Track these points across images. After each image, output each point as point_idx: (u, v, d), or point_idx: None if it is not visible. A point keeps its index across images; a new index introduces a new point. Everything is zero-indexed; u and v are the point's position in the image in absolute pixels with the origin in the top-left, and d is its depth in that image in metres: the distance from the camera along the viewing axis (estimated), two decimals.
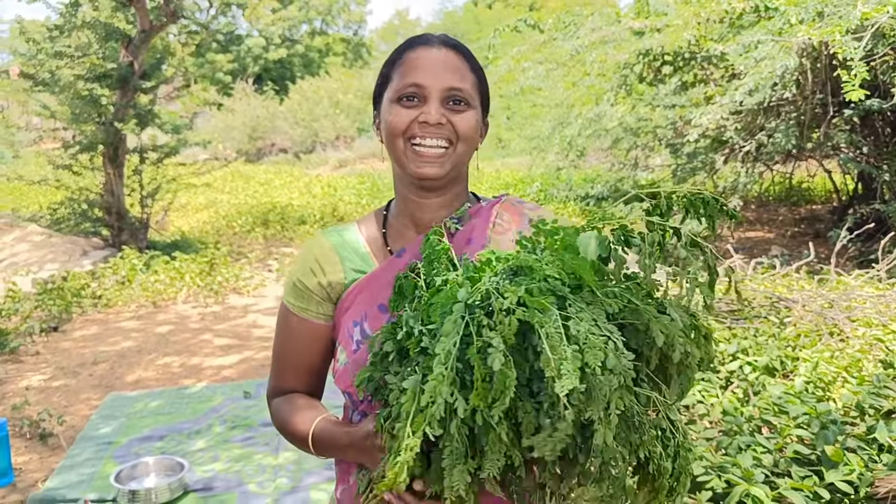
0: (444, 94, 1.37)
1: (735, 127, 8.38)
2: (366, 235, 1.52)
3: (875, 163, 8.41)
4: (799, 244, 9.38)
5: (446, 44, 1.42)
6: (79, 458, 4.26)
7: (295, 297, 1.51)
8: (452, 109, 1.37)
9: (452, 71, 1.38)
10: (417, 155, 1.37)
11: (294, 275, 1.51)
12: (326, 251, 1.49)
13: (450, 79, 1.37)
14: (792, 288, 6.14)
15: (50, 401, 5.25)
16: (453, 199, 1.48)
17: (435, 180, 1.39)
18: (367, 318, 1.41)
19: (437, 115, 1.35)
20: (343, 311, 1.47)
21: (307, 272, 1.49)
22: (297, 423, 1.47)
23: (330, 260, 1.48)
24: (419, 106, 1.37)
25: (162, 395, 5.33)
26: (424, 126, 1.36)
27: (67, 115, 9.66)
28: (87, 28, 9.55)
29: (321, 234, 1.53)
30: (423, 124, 1.36)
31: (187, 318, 7.50)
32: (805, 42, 6.61)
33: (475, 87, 1.42)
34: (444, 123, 1.36)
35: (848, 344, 4.65)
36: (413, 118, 1.36)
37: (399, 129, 1.38)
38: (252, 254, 10.41)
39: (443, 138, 1.37)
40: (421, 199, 1.46)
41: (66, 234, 10.21)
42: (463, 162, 1.43)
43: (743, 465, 2.92)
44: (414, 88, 1.37)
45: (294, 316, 1.51)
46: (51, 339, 6.75)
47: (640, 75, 9.59)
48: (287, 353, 1.54)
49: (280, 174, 21.69)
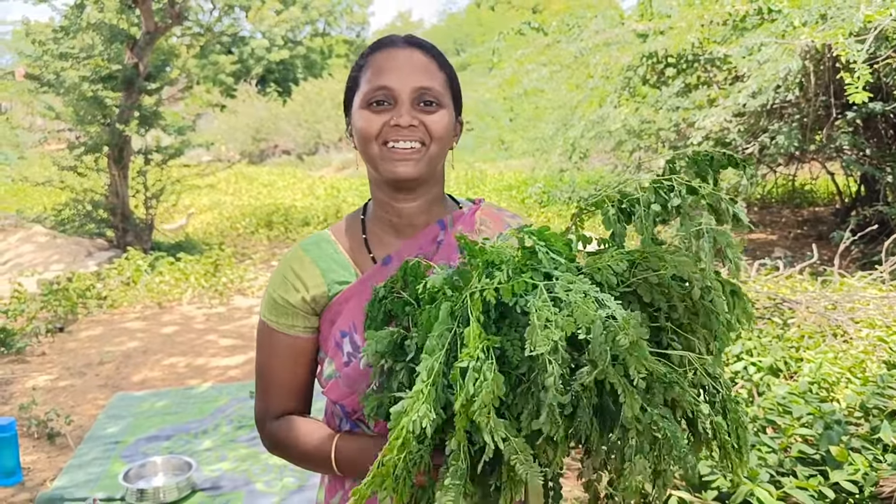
0: (414, 95, 1.34)
1: (738, 129, 8.40)
2: (343, 244, 1.48)
3: (878, 165, 8.43)
4: (802, 246, 9.39)
5: (411, 43, 1.39)
6: (86, 457, 4.29)
7: (277, 314, 1.45)
8: (424, 110, 1.35)
9: (421, 70, 1.36)
10: (391, 155, 1.35)
11: (275, 291, 1.45)
12: (306, 265, 1.44)
13: (418, 78, 1.34)
14: (795, 289, 6.15)
15: (57, 401, 5.28)
16: (431, 201, 1.45)
17: (410, 180, 1.37)
18: (356, 328, 1.38)
19: (409, 118, 1.33)
20: (329, 321, 1.43)
21: (289, 288, 1.44)
22: (308, 444, 1.42)
23: (311, 273, 1.43)
24: (390, 109, 1.34)
25: (168, 395, 5.36)
26: (397, 129, 1.33)
27: (72, 116, 9.70)
28: (92, 30, 9.59)
29: (298, 248, 1.48)
30: (396, 128, 1.33)
31: (192, 318, 7.53)
32: (808, 44, 6.62)
33: (445, 85, 1.39)
34: (416, 125, 1.33)
35: (851, 345, 4.67)
36: (385, 122, 1.34)
37: (372, 134, 1.35)
38: (256, 255, 10.45)
39: (416, 140, 1.34)
40: (398, 202, 1.43)
41: (70, 236, 10.25)
42: (437, 162, 1.40)
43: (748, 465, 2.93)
44: (383, 92, 1.34)
45: (279, 334, 1.45)
46: (57, 340, 6.78)
47: (643, 77, 9.60)
48: (275, 373, 1.48)
49: (283, 175, 21.72)
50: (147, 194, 10.47)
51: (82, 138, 9.92)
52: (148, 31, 9.75)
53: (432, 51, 1.40)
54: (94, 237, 10.40)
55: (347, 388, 1.34)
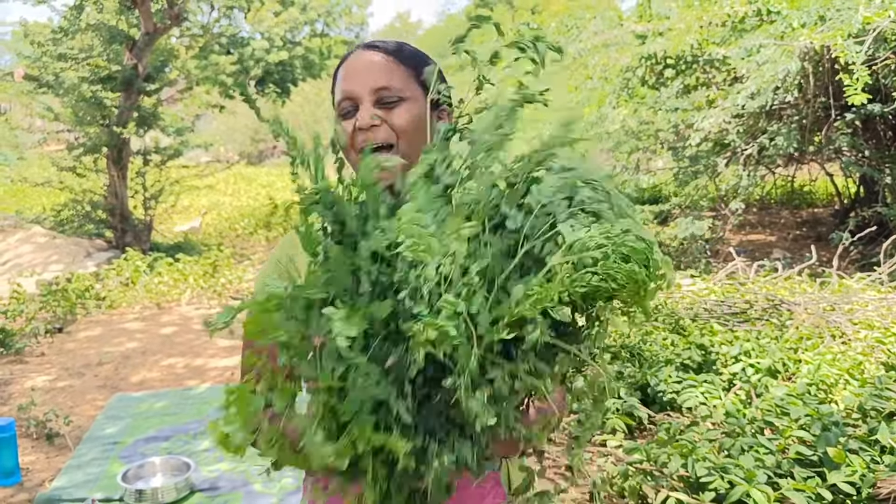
0: (374, 96, 1.32)
1: (737, 130, 8.41)
2: None
3: (877, 166, 8.43)
4: (801, 247, 9.40)
5: (370, 46, 1.38)
6: (85, 457, 4.29)
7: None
8: (385, 107, 1.32)
9: (378, 70, 1.34)
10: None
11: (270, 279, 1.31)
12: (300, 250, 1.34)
13: (375, 79, 1.33)
14: (794, 291, 6.17)
15: (56, 401, 5.27)
16: None
17: (385, 179, 1.25)
18: None
19: (368, 118, 1.31)
20: None
21: (282, 273, 1.37)
22: None
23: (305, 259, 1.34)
24: (355, 114, 1.33)
25: (167, 395, 5.36)
26: (360, 132, 1.31)
27: (71, 117, 9.70)
28: (91, 31, 9.59)
29: (293, 232, 1.34)
30: (359, 131, 1.31)
31: (191, 319, 7.53)
32: (807, 46, 6.63)
33: (408, 79, 1.35)
34: (378, 124, 1.31)
35: (850, 346, 4.68)
36: (354, 128, 1.32)
37: (346, 144, 1.33)
38: (255, 256, 10.45)
39: (380, 140, 1.31)
40: None
41: (69, 236, 10.25)
42: (413, 158, 1.28)
43: (745, 466, 2.94)
44: (347, 101, 1.34)
45: None
46: (56, 340, 6.78)
47: (642, 79, 9.61)
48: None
49: (282, 176, 21.73)
50: (146, 195, 10.47)
51: (81, 139, 9.92)
52: (147, 31, 9.75)
53: (393, 51, 1.37)
54: (93, 238, 10.41)
55: None
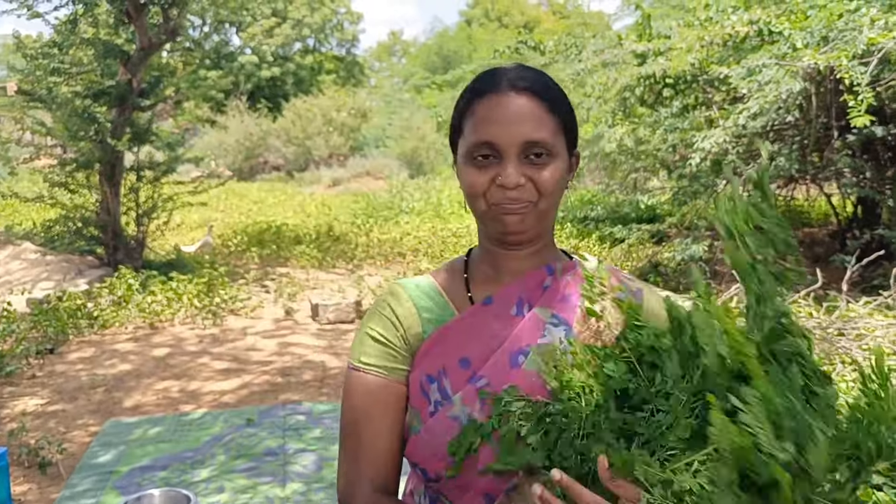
0: (521, 150, 1.22)
1: (737, 151, 8.35)
2: (442, 283, 1.38)
3: (878, 188, 8.40)
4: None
5: (516, 87, 1.24)
6: (79, 487, 4.15)
7: (376, 356, 1.31)
8: (533, 164, 1.22)
9: (528, 120, 1.22)
10: (499, 211, 1.24)
11: (373, 329, 1.33)
12: (403, 301, 1.34)
13: (526, 131, 1.21)
14: (799, 315, 6.08)
15: (47, 426, 5.13)
16: (541, 248, 1.34)
17: (519, 234, 1.26)
18: (446, 373, 1.25)
19: (516, 177, 1.21)
20: (415, 365, 1.30)
21: (388, 325, 1.32)
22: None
23: (407, 311, 1.33)
24: (496, 164, 1.23)
25: (162, 421, 5.21)
26: (503, 189, 1.22)
27: (63, 132, 9.55)
28: (85, 45, 9.47)
29: (395, 284, 1.38)
30: (502, 188, 1.22)
31: (185, 340, 7.38)
32: (810, 66, 6.58)
33: (557, 132, 1.25)
34: (523, 184, 1.22)
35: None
36: (491, 178, 1.23)
37: (478, 192, 1.24)
38: (249, 274, 10.30)
39: (524, 201, 1.23)
40: (506, 252, 1.33)
41: (60, 253, 10.07)
42: (547, 216, 1.28)
43: None
44: (487, 148, 1.23)
45: (378, 379, 1.30)
46: (47, 362, 6.61)
47: (640, 98, 9.56)
48: (371, 429, 1.30)
49: (274, 192, 21.60)
50: (139, 211, 10.31)
51: (73, 154, 9.77)
52: (142, 47, 9.64)
53: (541, 92, 1.25)
54: (85, 255, 10.22)
55: (429, 445, 1.23)
